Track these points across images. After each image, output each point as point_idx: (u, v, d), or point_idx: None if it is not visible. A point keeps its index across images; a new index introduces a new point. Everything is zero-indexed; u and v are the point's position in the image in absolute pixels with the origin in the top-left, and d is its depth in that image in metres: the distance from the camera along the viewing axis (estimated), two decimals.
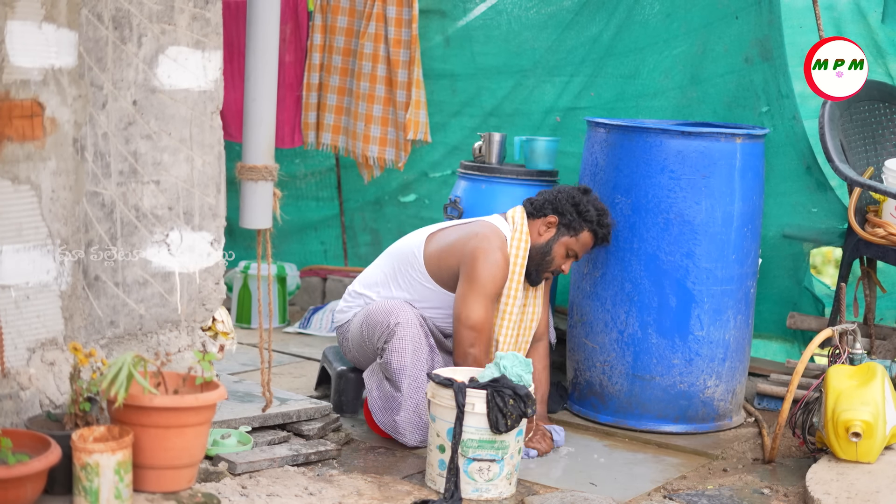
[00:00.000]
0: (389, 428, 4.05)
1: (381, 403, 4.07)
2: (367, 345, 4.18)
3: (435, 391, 3.67)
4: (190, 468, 3.25)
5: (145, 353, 3.52)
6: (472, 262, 4.11)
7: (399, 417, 4.02)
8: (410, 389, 4.01)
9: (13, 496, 2.87)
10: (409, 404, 4.02)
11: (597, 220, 4.21)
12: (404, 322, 4.03)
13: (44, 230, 3.23)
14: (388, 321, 4.05)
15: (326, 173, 6.33)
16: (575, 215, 4.21)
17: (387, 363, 4.04)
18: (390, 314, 4.06)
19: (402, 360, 4.01)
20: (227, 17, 3.89)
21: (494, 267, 4.10)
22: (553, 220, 4.22)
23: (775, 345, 5.45)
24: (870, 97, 4.72)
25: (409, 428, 4.04)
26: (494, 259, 4.11)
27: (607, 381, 4.45)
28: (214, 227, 3.69)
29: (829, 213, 4.98)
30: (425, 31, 5.61)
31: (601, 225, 4.22)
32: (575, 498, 3.61)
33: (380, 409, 4.07)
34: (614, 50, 5.26)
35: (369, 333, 4.14)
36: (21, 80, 3.13)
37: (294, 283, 6.17)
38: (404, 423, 4.03)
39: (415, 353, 4.03)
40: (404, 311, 4.06)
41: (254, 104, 3.54)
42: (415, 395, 4.02)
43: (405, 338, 4.02)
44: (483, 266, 4.09)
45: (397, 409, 4.02)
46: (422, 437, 4.04)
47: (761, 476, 4.00)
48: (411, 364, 4.02)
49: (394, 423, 4.03)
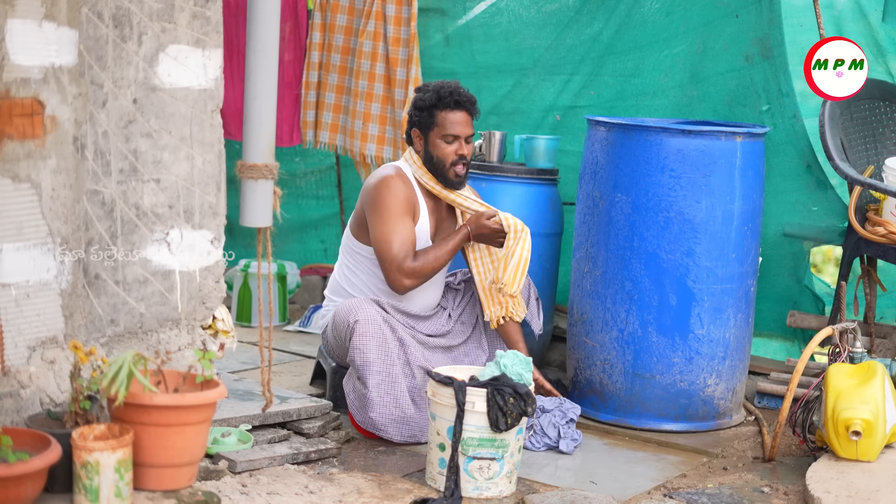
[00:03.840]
0: (369, 426, 4.07)
1: (357, 404, 4.10)
2: (340, 346, 4.22)
3: (435, 389, 3.68)
4: (190, 466, 3.25)
5: (145, 351, 3.52)
6: (369, 200, 4.24)
7: (374, 414, 4.03)
8: (378, 384, 4.02)
9: (13, 494, 2.87)
10: (382, 399, 4.03)
11: (436, 98, 4.27)
12: (363, 319, 4.05)
13: (44, 228, 3.23)
14: (347, 320, 4.09)
15: (327, 172, 6.34)
16: (420, 112, 4.30)
17: (352, 361, 4.07)
18: (349, 313, 4.09)
19: (364, 356, 4.03)
20: (227, 16, 3.90)
21: (390, 189, 4.20)
22: (415, 132, 4.33)
23: (775, 343, 5.46)
24: (870, 96, 4.72)
25: (390, 424, 4.04)
26: (390, 184, 4.22)
27: (607, 380, 4.45)
28: (215, 225, 3.69)
29: (829, 211, 4.98)
30: (425, 29, 5.61)
31: (441, 96, 4.27)
32: (575, 496, 3.61)
33: (357, 410, 4.10)
34: (614, 48, 5.26)
35: (337, 335, 4.20)
36: (21, 78, 3.13)
37: (294, 282, 6.17)
38: (382, 420, 4.03)
39: (379, 347, 4.05)
40: (363, 308, 4.09)
41: (254, 102, 3.54)
42: (389, 390, 4.03)
43: (365, 334, 4.04)
44: (378, 194, 4.20)
45: (370, 406, 4.03)
46: (409, 431, 4.05)
47: (761, 474, 4.00)
48: (377, 359, 4.03)
49: (371, 421, 4.04)
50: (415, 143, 4.35)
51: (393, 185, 4.22)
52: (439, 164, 4.28)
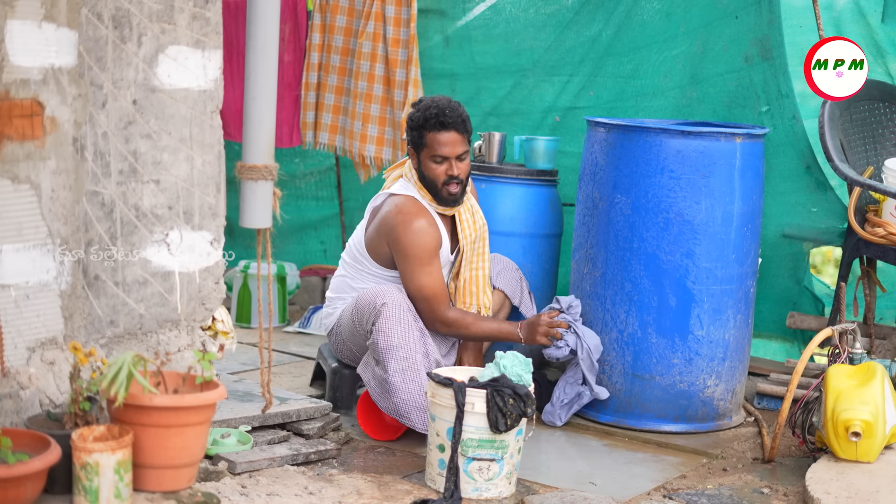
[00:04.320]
0: (393, 412, 4.02)
1: (379, 390, 4.05)
2: (358, 331, 4.18)
3: (434, 390, 3.67)
4: (190, 467, 3.25)
5: (145, 352, 3.52)
6: (395, 240, 4.18)
7: (397, 399, 3.99)
8: (401, 369, 3.99)
9: (13, 495, 2.87)
10: (407, 385, 3.99)
11: (423, 119, 4.23)
12: (390, 302, 4.04)
13: (44, 229, 3.23)
14: (374, 303, 4.07)
15: (326, 173, 6.33)
16: (412, 132, 4.27)
17: (374, 343, 4.04)
18: (377, 296, 4.08)
19: (388, 339, 4.01)
20: (227, 17, 3.90)
21: (417, 233, 4.16)
22: (410, 150, 4.31)
23: (775, 344, 5.45)
24: (870, 97, 4.72)
25: (413, 410, 4.00)
26: (415, 226, 4.17)
27: (607, 381, 4.45)
28: (214, 226, 3.69)
29: (828, 212, 4.98)
30: (425, 30, 5.61)
31: (427, 117, 4.22)
32: (575, 497, 3.61)
33: (379, 396, 4.05)
34: (614, 49, 5.25)
35: (359, 318, 4.15)
36: (21, 79, 3.13)
37: (294, 283, 6.17)
38: (405, 406, 3.99)
39: (403, 334, 4.03)
40: (391, 293, 4.08)
41: (253, 103, 3.54)
42: (413, 377, 4.00)
43: (391, 318, 4.02)
44: (406, 238, 4.15)
45: (393, 391, 3.99)
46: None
47: (761, 475, 4.00)
48: (399, 343, 4.01)
49: (395, 407, 4.00)
50: (411, 160, 4.32)
51: (418, 227, 4.16)
52: (431, 184, 4.25)
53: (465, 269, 4.34)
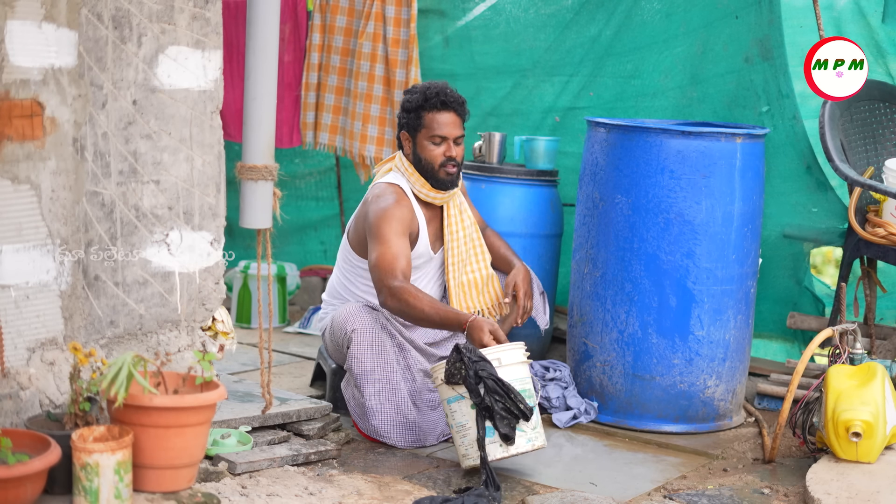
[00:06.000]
0: (373, 433, 4.08)
1: (358, 412, 4.11)
2: (339, 351, 4.23)
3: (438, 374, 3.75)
4: (190, 468, 3.25)
5: (145, 352, 3.52)
6: (365, 217, 4.21)
7: (376, 422, 4.05)
8: (377, 392, 4.04)
9: (13, 496, 2.87)
10: (383, 406, 4.04)
11: (423, 99, 4.24)
12: (360, 328, 4.06)
13: (43, 230, 3.23)
14: (345, 328, 4.09)
15: (326, 173, 6.33)
16: (407, 114, 4.27)
17: (349, 368, 4.09)
18: (346, 321, 4.09)
19: (362, 365, 4.04)
20: (227, 17, 3.89)
21: (386, 209, 4.13)
22: (403, 134, 4.30)
23: (775, 345, 5.45)
24: (870, 97, 4.72)
25: (393, 430, 4.06)
26: (384, 202, 4.16)
27: (607, 381, 4.45)
28: (214, 226, 3.69)
29: (829, 212, 4.98)
30: (425, 30, 5.61)
31: (427, 97, 4.23)
32: (575, 498, 3.61)
33: (359, 417, 4.12)
34: (614, 50, 5.25)
35: (334, 340, 4.21)
36: (21, 79, 3.13)
37: (294, 283, 6.17)
38: (384, 427, 4.05)
39: (377, 356, 4.06)
40: (360, 316, 4.08)
41: (253, 104, 3.54)
42: (389, 397, 4.05)
43: (363, 343, 4.05)
44: (374, 213, 4.15)
45: (370, 413, 4.05)
46: (412, 437, 4.06)
47: (761, 476, 4.00)
48: (373, 367, 4.04)
49: (373, 428, 4.06)
50: (404, 147, 4.32)
51: (388, 205, 4.15)
52: (428, 166, 4.25)
53: (461, 273, 4.33)
